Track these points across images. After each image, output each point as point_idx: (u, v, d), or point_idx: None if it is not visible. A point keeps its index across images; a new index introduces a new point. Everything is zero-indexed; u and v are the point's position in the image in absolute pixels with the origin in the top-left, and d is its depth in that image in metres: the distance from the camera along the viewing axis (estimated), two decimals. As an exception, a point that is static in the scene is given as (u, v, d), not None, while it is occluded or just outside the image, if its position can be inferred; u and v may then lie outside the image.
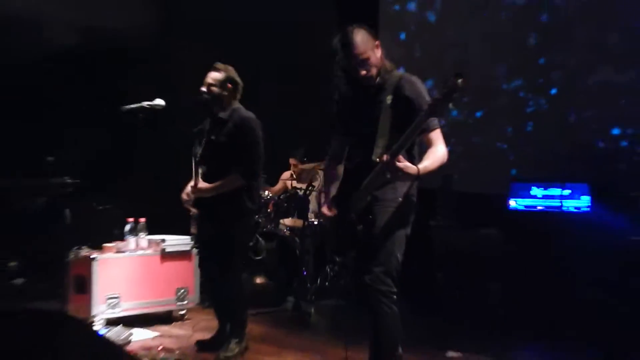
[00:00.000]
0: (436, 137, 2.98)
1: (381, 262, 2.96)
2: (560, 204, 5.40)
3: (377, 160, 2.85)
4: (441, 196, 5.85)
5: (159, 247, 5.03)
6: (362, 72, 3.01)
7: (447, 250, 5.83)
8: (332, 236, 3.22)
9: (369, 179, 2.93)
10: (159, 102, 4.12)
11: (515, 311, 5.45)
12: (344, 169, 3.24)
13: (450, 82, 2.61)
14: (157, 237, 5.11)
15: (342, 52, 2.99)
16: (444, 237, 5.85)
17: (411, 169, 2.81)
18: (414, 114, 2.79)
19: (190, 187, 4.13)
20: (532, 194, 5.55)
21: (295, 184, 6.38)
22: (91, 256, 4.68)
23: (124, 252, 4.92)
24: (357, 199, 3.01)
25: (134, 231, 4.99)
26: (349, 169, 3.17)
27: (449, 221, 5.91)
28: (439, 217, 5.84)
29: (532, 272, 5.41)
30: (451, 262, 5.79)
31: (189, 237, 4.46)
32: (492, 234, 5.77)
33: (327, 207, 3.20)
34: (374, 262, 2.96)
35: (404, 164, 2.78)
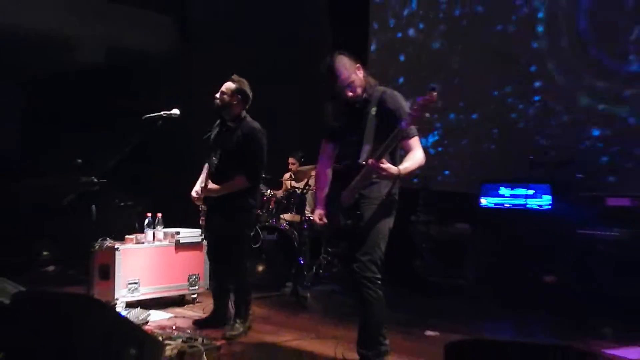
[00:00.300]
0: (414, 143, 3.01)
1: (367, 252, 2.99)
2: (525, 202, 5.43)
3: (364, 163, 2.89)
4: (421, 195, 5.88)
5: (174, 238, 5.03)
6: (349, 94, 3.05)
7: (426, 241, 5.86)
8: (326, 230, 3.24)
9: (357, 179, 2.97)
10: (175, 111, 4.12)
11: (486, 294, 5.50)
12: (335, 171, 3.25)
13: (426, 95, 2.65)
14: (172, 230, 5.10)
15: (329, 80, 3.02)
16: (424, 230, 5.88)
17: (393, 170, 2.86)
18: (395, 123, 2.82)
19: (200, 187, 4.16)
20: (500, 193, 5.57)
21: (294, 183, 6.40)
22: (114, 247, 4.67)
23: (143, 243, 4.92)
24: (346, 197, 3.04)
25: (152, 225, 4.98)
26: (339, 171, 3.19)
27: (427, 216, 5.93)
28: (419, 213, 5.86)
29: (500, 260, 5.45)
30: (429, 252, 5.82)
31: (199, 230, 4.47)
32: (466, 228, 5.80)
33: (317, 216, 3.22)
34: (360, 252, 2.99)
35: (387, 165, 2.83)
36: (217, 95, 4.11)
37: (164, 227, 5.05)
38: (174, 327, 4.12)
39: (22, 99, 8.45)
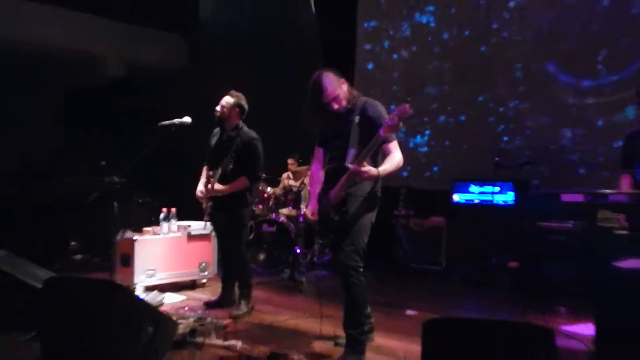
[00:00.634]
0: (393, 146, 3.02)
1: (351, 243, 2.99)
2: (491, 199, 5.46)
3: (349, 166, 2.91)
4: (402, 192, 5.90)
5: (186, 230, 5.03)
6: (334, 106, 3.06)
7: (406, 232, 5.88)
8: (317, 223, 3.25)
9: (343, 180, 2.97)
10: (187, 119, 4.13)
11: (458, 277, 5.54)
12: (325, 172, 3.26)
13: (400, 106, 2.67)
14: (185, 223, 5.11)
15: (317, 94, 3.03)
16: (404, 222, 5.89)
17: (373, 172, 2.87)
18: (376, 129, 2.82)
19: (205, 187, 4.18)
20: (470, 191, 5.60)
21: (291, 182, 6.41)
22: (133, 238, 4.69)
23: (159, 234, 4.92)
24: (335, 195, 3.05)
25: (167, 218, 4.98)
26: (328, 172, 3.20)
27: (407, 211, 5.95)
28: (400, 208, 5.88)
29: (470, 248, 5.49)
30: (409, 241, 5.84)
31: (208, 223, 4.48)
32: (440, 221, 5.83)
33: (310, 212, 3.22)
34: (345, 243, 2.99)
35: (368, 167, 2.85)
36: (218, 108, 4.15)
37: (177, 221, 5.06)
38: (186, 308, 4.13)
39: (56, 108, 8.48)
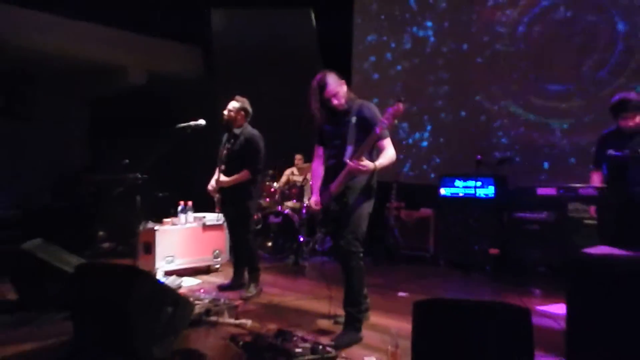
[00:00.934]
0: (387, 143, 2.99)
1: (352, 230, 2.97)
2: (474, 192, 5.44)
3: (348, 161, 2.89)
4: (394, 186, 5.87)
5: (201, 221, 5.03)
6: (334, 102, 3.04)
7: (397, 223, 5.86)
8: (319, 214, 3.23)
9: (343, 174, 2.96)
10: (201, 122, 4.10)
11: (444, 263, 5.53)
12: (325, 169, 3.22)
13: (394, 105, 2.65)
14: (200, 214, 5.10)
15: (320, 91, 3.01)
16: (396, 214, 5.87)
17: (370, 166, 2.85)
18: (371, 128, 2.81)
19: (215, 181, 4.18)
20: (455, 185, 5.58)
21: (295, 177, 6.38)
22: (154, 228, 4.68)
23: (177, 225, 4.91)
24: (335, 188, 3.02)
25: (184, 211, 4.98)
26: (328, 168, 3.17)
27: (398, 203, 5.93)
28: (392, 200, 5.86)
29: (455, 236, 5.46)
30: (400, 231, 5.82)
31: (221, 214, 4.46)
32: (428, 212, 5.81)
33: (314, 202, 3.19)
34: (346, 231, 2.97)
35: (365, 162, 2.83)
36: (225, 112, 4.16)
37: (193, 213, 5.05)
38: (202, 291, 4.12)
39: (88, 113, 8.52)
